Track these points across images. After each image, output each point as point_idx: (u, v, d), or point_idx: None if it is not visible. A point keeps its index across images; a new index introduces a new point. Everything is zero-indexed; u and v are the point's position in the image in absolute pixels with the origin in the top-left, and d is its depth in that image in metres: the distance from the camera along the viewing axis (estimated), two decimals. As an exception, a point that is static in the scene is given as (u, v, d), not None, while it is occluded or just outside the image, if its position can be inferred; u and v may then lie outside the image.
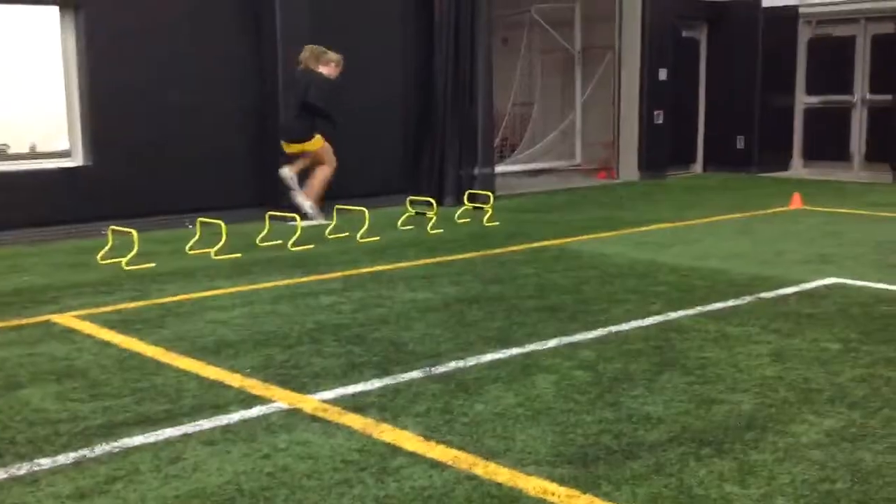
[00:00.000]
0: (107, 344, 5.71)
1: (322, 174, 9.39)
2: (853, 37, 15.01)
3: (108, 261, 8.27)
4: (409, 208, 10.53)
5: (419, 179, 12.12)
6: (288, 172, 9.53)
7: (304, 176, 10.36)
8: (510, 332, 5.85)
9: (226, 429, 4.28)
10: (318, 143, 9.45)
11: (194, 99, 10.45)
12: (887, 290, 6.88)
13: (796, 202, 11.51)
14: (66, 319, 6.33)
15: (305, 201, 9.29)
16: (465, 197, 11.38)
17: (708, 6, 15.38)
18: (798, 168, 15.76)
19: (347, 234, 9.62)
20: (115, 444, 4.11)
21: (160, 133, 10.23)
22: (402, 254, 8.65)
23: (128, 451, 4.03)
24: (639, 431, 4.17)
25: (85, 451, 4.03)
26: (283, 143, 9.52)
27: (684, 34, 15.64)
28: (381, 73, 11.87)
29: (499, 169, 13.59)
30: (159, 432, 4.24)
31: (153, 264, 8.20)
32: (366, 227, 9.47)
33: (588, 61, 16.23)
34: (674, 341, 5.60)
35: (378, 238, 9.48)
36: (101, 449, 4.05)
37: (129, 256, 8.16)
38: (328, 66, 9.58)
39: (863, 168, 14.98)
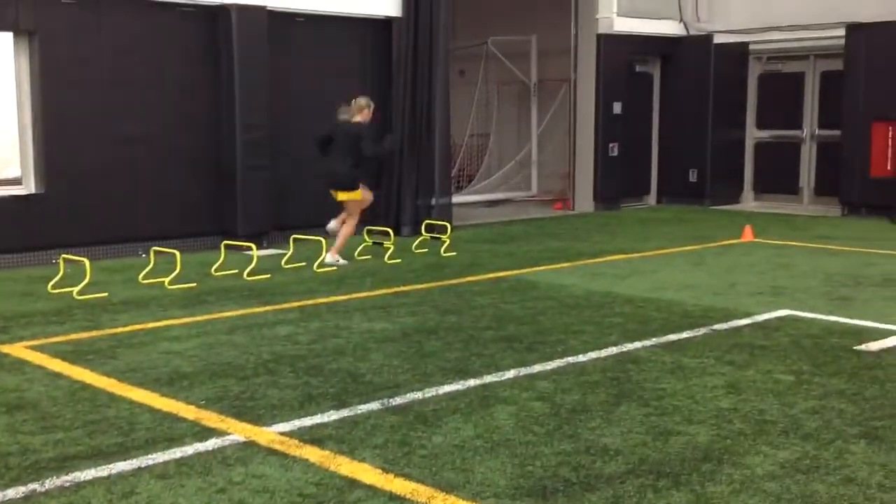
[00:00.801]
0: (58, 375, 5.61)
1: (347, 231, 9.99)
2: (802, 73, 15.34)
3: (60, 290, 8.13)
4: (367, 238, 10.52)
5: (376, 209, 12.09)
6: (335, 226, 10.03)
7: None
8: (468, 363, 5.85)
9: (180, 462, 4.21)
10: (358, 194, 9.95)
11: (149, 128, 10.37)
12: (837, 322, 6.99)
13: (748, 235, 11.68)
14: (17, 350, 6.21)
15: (332, 257, 9.77)
16: (423, 227, 11.39)
17: (661, 42, 15.63)
18: (749, 201, 16.00)
19: (304, 263, 9.57)
20: (67, 477, 4.03)
21: (114, 161, 10.13)
22: (360, 284, 8.62)
23: (79, 486, 3.95)
24: (597, 463, 4.18)
25: (35, 486, 3.94)
26: (332, 191, 9.94)
27: (638, 69, 15.87)
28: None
29: (456, 199, 13.64)
30: (112, 466, 4.16)
31: (105, 294, 8.08)
32: (323, 256, 9.42)
33: (544, 93, 16.40)
34: (630, 372, 5.64)
35: (336, 268, 9.44)
36: (52, 483, 3.97)
37: (80, 286, 8.04)
38: (362, 113, 10.09)
39: (812, 201, 15.25)
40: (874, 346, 6.25)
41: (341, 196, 9.83)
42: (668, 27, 15.70)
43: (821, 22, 14.34)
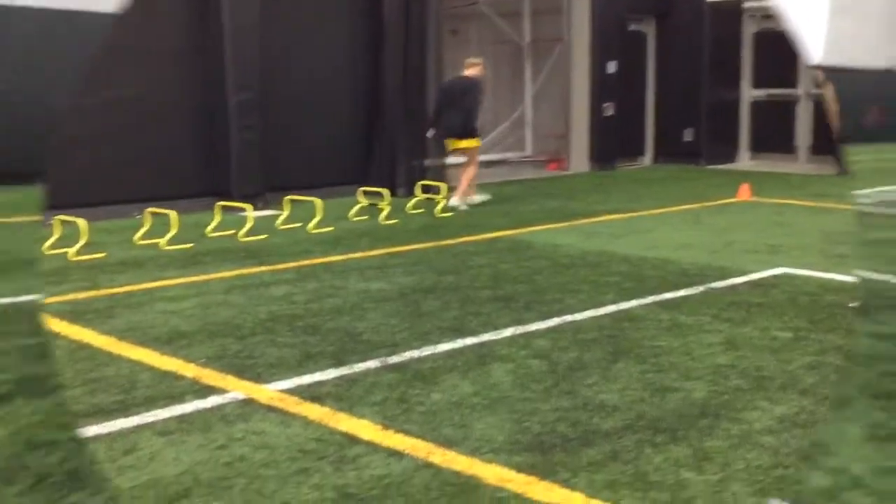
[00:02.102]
0: (57, 335, 5.61)
1: (470, 174, 11.00)
2: (798, 32, 15.28)
3: (55, 251, 8.11)
4: (362, 199, 10.49)
5: (371, 170, 12.07)
6: (458, 202, 10.92)
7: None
8: (465, 322, 5.86)
9: (181, 419, 4.23)
10: (478, 141, 11.08)
11: (141, 91, 10.30)
12: (833, 279, 7.02)
13: (744, 193, 11.68)
14: (13, 310, 6.21)
15: (460, 201, 10.86)
16: (419, 188, 11.36)
17: (654, 0, 15.52)
18: (745, 160, 15.99)
19: (300, 224, 9.56)
20: (68, 435, 4.05)
21: (106, 125, 10.07)
22: (355, 244, 8.62)
23: (81, 443, 3.97)
24: (594, 419, 4.21)
25: (36, 444, 3.96)
26: (451, 140, 11.02)
27: (632, 27, 15.77)
28: (333, 65, 11.82)
29: (450, 160, 13.57)
30: (113, 423, 4.18)
31: (102, 254, 8.07)
32: (318, 217, 9.41)
33: (537, 53, 16.29)
34: (627, 330, 5.65)
35: (331, 228, 9.43)
36: (52, 441, 3.99)
37: (77, 247, 8.02)
38: (476, 69, 11.20)
39: (808, 160, 15.25)
40: (869, 302, 6.28)
41: (462, 144, 10.87)
42: (663, -15, 15.59)
43: (817, -21, 14.27)
